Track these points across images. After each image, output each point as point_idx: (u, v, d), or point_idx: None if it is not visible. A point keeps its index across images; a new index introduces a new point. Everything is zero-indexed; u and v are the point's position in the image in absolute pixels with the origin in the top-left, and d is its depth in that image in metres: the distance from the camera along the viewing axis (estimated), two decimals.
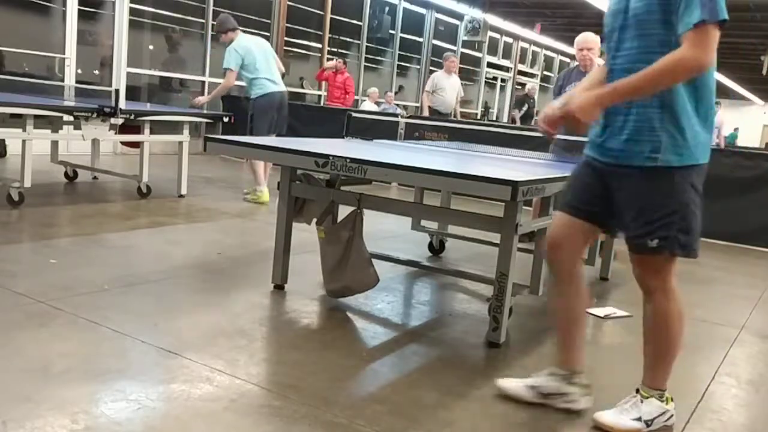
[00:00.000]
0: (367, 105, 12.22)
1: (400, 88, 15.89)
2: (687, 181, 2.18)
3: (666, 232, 2.19)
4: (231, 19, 6.40)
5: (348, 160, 2.98)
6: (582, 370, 2.49)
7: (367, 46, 14.53)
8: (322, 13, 13.02)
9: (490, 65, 18.92)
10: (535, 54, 21.05)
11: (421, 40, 16.13)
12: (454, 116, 9.41)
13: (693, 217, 2.21)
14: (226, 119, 6.45)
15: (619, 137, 2.21)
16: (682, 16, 2.02)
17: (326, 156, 3.04)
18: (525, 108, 13.88)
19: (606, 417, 2.39)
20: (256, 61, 6.18)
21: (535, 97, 14.36)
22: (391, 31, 15.06)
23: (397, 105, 12.73)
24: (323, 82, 12.26)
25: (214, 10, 10.71)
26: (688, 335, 3.63)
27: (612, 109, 2.21)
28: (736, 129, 23.18)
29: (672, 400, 2.43)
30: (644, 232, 2.22)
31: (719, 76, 24.32)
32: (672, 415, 2.42)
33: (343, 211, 3.39)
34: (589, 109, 2.14)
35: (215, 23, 6.58)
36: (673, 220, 2.18)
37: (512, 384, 2.53)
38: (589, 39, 5.17)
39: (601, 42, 2.21)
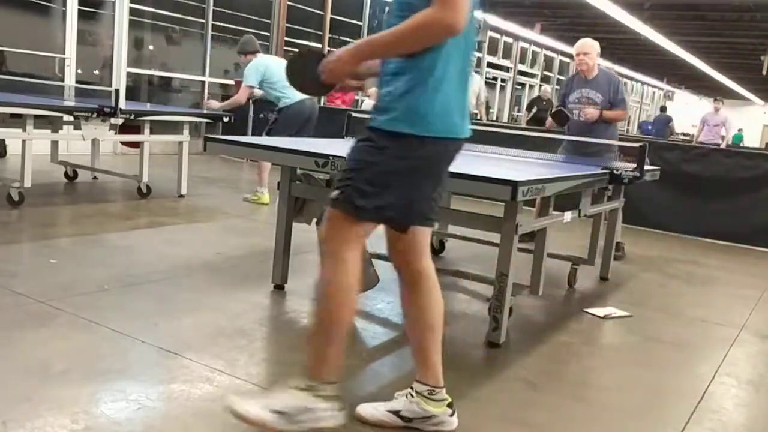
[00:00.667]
0: (367, 105, 12.22)
1: None
2: (415, 150, 1.99)
3: (349, 184, 2.00)
4: (255, 41, 6.43)
5: None
6: (443, 384, 2.21)
7: None
8: (322, 13, 13.01)
9: (490, 65, 18.91)
10: (535, 54, 21.04)
11: None
12: (479, 119, 8.80)
13: (400, 186, 2.01)
14: (225, 119, 6.45)
15: (377, 104, 2.06)
16: None
17: (326, 156, 3.04)
18: (534, 110, 13.79)
19: (241, 403, 2.00)
20: (275, 74, 6.18)
21: (551, 99, 13.88)
22: None
23: None
24: None
25: (214, 10, 10.70)
26: (689, 335, 3.65)
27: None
28: (740, 130, 22.98)
29: (332, 399, 2.02)
30: (337, 183, 2.05)
31: (719, 76, 24.34)
32: (323, 416, 2.00)
33: None
34: (343, 60, 2.04)
35: (240, 42, 6.55)
36: (365, 176, 1.99)
37: (371, 411, 2.23)
38: (586, 44, 5.14)
39: None
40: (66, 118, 5.58)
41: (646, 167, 4.17)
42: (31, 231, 4.57)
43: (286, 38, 12.06)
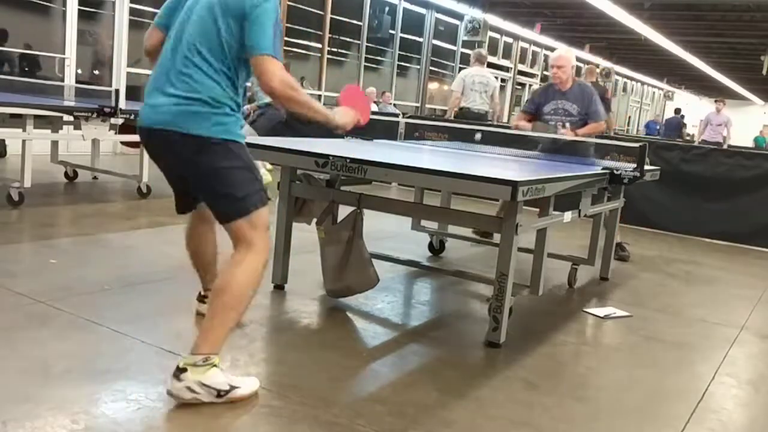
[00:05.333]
0: None
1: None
2: None
3: None
4: None
5: (348, 160, 2.98)
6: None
7: (367, 46, 14.51)
8: (322, 13, 13.01)
9: (490, 65, 18.84)
10: (535, 54, 21.04)
11: (421, 40, 16.12)
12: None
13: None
14: None
15: None
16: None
17: (326, 156, 3.04)
18: None
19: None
20: None
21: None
22: (391, 31, 15.04)
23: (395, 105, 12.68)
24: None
25: None
26: (689, 335, 3.65)
27: None
28: None
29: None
30: None
31: (719, 76, 24.32)
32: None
33: (343, 211, 3.39)
34: None
35: None
36: None
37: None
38: (561, 57, 4.99)
39: None
40: (66, 118, 5.58)
41: (646, 167, 4.17)
42: (31, 231, 4.57)
43: (286, 38, 12.07)
